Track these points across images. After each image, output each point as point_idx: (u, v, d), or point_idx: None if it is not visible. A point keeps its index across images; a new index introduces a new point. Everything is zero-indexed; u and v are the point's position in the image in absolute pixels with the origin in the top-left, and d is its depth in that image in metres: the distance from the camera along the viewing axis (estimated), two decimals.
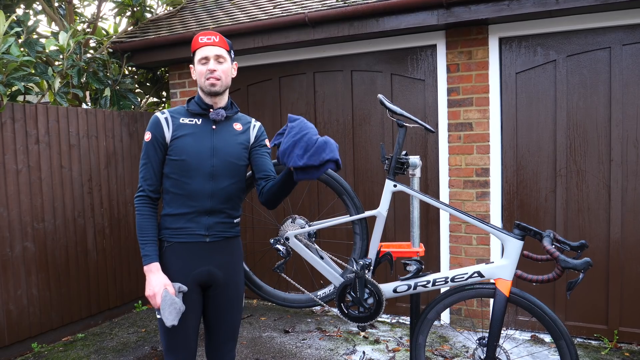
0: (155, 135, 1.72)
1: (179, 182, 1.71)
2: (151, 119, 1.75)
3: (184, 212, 1.72)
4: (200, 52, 1.73)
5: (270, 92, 4.11)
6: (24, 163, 3.27)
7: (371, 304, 2.07)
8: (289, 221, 2.22)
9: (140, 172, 1.75)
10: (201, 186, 1.71)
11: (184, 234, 1.73)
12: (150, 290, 1.67)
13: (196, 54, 1.74)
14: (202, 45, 1.72)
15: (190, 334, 1.75)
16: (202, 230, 1.73)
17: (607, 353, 3.01)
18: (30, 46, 3.63)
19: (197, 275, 1.74)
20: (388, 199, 2.07)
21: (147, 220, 1.71)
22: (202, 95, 1.78)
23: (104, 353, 3.27)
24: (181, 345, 1.75)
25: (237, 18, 3.99)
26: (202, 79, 1.73)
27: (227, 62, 1.75)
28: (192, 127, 1.75)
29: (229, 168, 1.76)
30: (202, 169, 1.71)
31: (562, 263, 1.83)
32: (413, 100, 3.64)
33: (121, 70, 4.35)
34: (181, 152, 1.70)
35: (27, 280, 3.28)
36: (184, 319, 1.72)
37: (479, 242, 3.40)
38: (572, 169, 3.22)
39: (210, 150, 1.73)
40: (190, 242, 1.73)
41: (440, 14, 3.19)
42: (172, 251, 1.73)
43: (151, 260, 1.68)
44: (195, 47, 1.74)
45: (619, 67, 3.06)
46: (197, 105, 1.78)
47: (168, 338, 1.74)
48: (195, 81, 1.85)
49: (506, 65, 3.34)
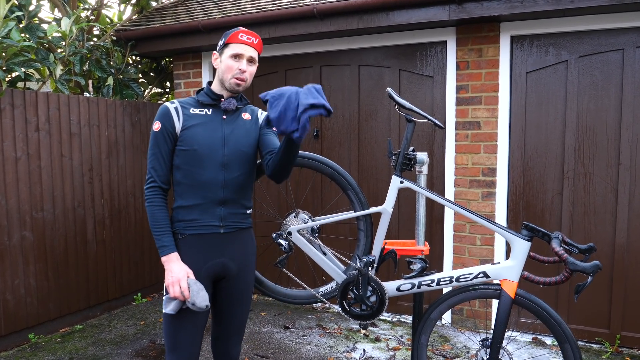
0: (164, 125, 1.68)
1: (190, 172, 1.69)
2: (160, 109, 1.72)
3: (198, 203, 1.69)
4: (236, 48, 1.70)
5: (277, 85, 4.06)
6: (23, 151, 3.22)
7: (374, 302, 2.03)
8: (292, 215, 2.18)
9: (150, 163, 1.70)
10: (214, 176, 1.70)
11: (198, 226, 1.70)
12: (174, 277, 1.62)
13: (230, 46, 1.70)
14: (240, 42, 1.70)
15: (198, 330, 1.72)
16: (217, 221, 1.72)
17: (608, 357, 2.98)
18: (32, 31, 3.58)
19: (210, 267, 1.73)
20: (394, 195, 2.03)
21: (160, 211, 1.68)
22: (217, 86, 1.76)
23: (101, 345, 3.24)
24: (188, 342, 1.70)
25: (244, 8, 3.94)
26: (229, 75, 1.71)
27: (255, 66, 1.77)
28: (203, 117, 1.72)
29: (240, 157, 1.75)
30: (214, 158, 1.70)
31: (571, 266, 1.79)
32: (421, 97, 3.59)
33: (125, 59, 4.30)
34: (192, 142, 1.68)
35: (25, 270, 3.25)
36: (193, 313, 1.68)
37: (483, 243, 3.36)
38: (579, 171, 3.17)
39: (221, 139, 1.72)
40: (204, 233, 1.71)
41: (451, 10, 3.14)
42: (186, 244, 1.71)
43: (170, 250, 1.66)
44: (232, 40, 1.70)
45: (631, 70, 3.00)
46: (207, 96, 1.75)
47: (174, 334, 1.69)
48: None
49: (517, 64, 3.28)
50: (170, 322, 1.69)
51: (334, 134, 3.89)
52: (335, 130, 3.87)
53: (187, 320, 1.68)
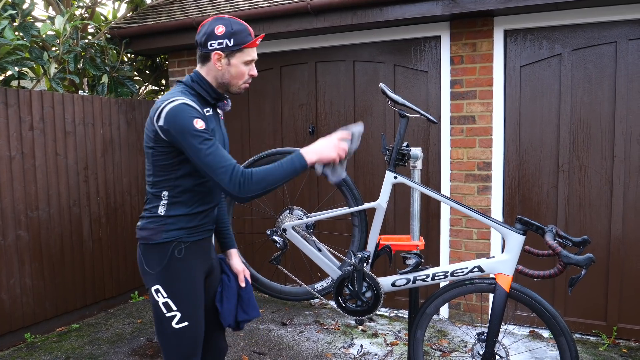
0: (206, 123, 1.49)
1: (206, 179, 1.59)
2: (186, 107, 1.47)
3: (201, 210, 1.63)
4: (251, 53, 1.59)
5: (272, 82, 4.05)
6: (18, 150, 3.21)
7: (369, 297, 2.04)
8: (286, 212, 2.18)
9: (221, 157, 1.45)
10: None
11: (201, 231, 1.66)
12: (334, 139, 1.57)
13: (246, 52, 1.57)
14: (254, 46, 1.59)
15: (203, 335, 1.69)
16: (211, 224, 1.72)
17: (605, 349, 2.99)
18: (25, 30, 3.56)
19: (206, 269, 1.73)
20: (388, 190, 2.02)
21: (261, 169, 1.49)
22: (215, 85, 1.61)
23: (98, 344, 3.24)
24: (198, 347, 1.65)
25: (237, 5, 3.92)
26: (239, 81, 1.60)
27: None
28: (212, 118, 1.62)
29: None
30: None
31: (565, 259, 1.80)
32: (416, 92, 3.58)
33: (119, 56, 4.28)
34: None
35: (20, 269, 3.24)
36: (200, 318, 1.64)
37: (480, 237, 3.37)
38: (574, 164, 3.18)
39: (223, 142, 1.69)
40: (203, 238, 1.69)
41: (445, 4, 3.13)
42: (190, 251, 1.63)
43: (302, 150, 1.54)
44: (251, 45, 1.58)
45: (624, 62, 3.00)
46: (209, 95, 1.61)
47: (186, 343, 1.60)
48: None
49: (511, 58, 3.28)
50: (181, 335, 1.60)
51: (329, 130, 3.88)
52: (331, 126, 3.87)
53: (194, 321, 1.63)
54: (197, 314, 1.64)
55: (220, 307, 1.77)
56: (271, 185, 1.48)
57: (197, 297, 1.64)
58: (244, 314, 1.82)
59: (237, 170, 1.46)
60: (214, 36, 1.55)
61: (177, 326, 1.59)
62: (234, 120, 4.19)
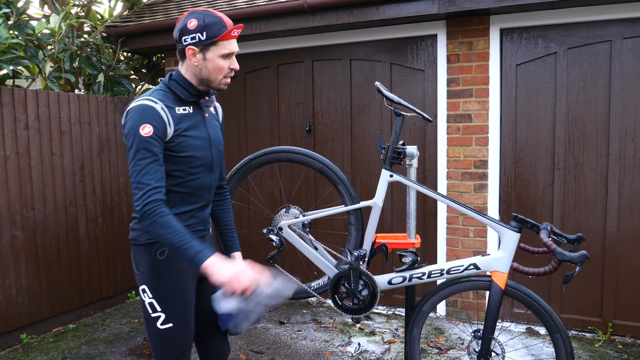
0: (157, 128, 1.44)
1: (184, 179, 1.55)
2: (144, 109, 1.45)
3: (185, 210, 1.59)
4: (228, 45, 1.51)
5: (268, 80, 4.05)
6: (13, 149, 3.20)
7: (365, 295, 2.04)
8: (282, 211, 2.18)
9: (145, 173, 1.42)
10: (204, 180, 1.61)
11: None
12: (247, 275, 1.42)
13: (221, 44, 1.50)
14: (232, 37, 1.51)
15: (192, 338, 1.67)
16: (201, 225, 1.67)
17: (601, 345, 3.01)
18: (20, 28, 3.54)
19: (196, 273, 1.66)
20: (384, 189, 2.03)
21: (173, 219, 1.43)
22: (195, 82, 1.56)
23: (95, 344, 3.23)
24: (186, 349, 1.64)
25: (234, 3, 3.92)
26: (219, 76, 1.53)
27: None
28: (189, 117, 1.55)
29: (220, 158, 1.70)
30: (206, 162, 1.60)
31: (559, 256, 1.81)
32: (412, 91, 3.59)
33: (115, 55, 4.26)
34: (187, 147, 1.52)
35: (16, 269, 3.23)
36: (187, 320, 1.62)
37: (476, 234, 3.38)
38: (570, 162, 3.20)
39: (207, 141, 1.61)
40: None
41: (441, 3, 3.14)
42: (176, 254, 1.57)
43: (211, 251, 1.42)
44: (225, 38, 1.49)
45: (619, 61, 3.02)
46: (188, 92, 1.55)
47: (172, 345, 1.59)
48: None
49: (507, 57, 3.29)
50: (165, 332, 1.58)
51: (326, 129, 3.88)
52: (327, 125, 3.87)
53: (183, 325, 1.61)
54: (185, 316, 1.60)
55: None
56: (162, 239, 1.42)
57: (184, 299, 1.60)
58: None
59: (149, 199, 1.41)
60: (186, 31, 1.50)
61: (162, 327, 1.56)
62: (231, 119, 4.19)
